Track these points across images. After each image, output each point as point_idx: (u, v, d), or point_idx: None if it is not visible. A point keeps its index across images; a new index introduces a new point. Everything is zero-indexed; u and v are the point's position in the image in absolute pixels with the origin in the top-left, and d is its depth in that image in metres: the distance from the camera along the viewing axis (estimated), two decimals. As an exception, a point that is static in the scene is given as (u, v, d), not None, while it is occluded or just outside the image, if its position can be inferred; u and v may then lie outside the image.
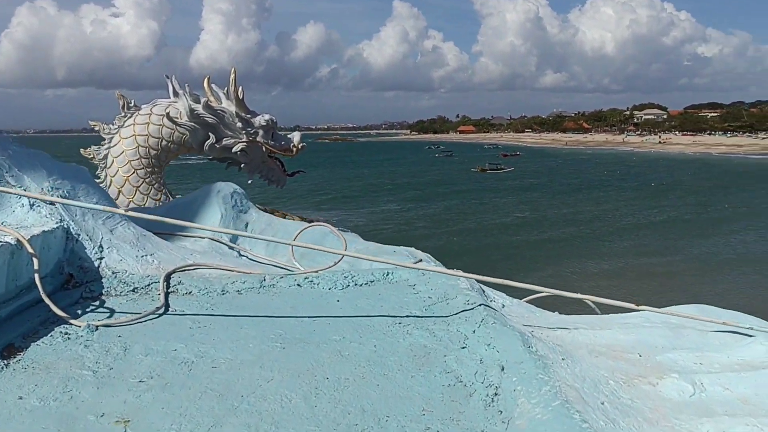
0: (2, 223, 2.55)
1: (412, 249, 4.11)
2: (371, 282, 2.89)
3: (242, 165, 6.34)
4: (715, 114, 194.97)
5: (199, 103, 5.94)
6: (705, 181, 71.68)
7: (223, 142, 5.99)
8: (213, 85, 6.26)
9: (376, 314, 2.53)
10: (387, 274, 2.91)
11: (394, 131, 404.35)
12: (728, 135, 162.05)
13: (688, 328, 2.44)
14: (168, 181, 6.90)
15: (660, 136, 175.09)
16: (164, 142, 5.78)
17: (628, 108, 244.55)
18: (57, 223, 2.73)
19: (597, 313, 3.02)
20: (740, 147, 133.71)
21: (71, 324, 2.33)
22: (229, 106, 6.10)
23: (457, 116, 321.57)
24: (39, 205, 2.75)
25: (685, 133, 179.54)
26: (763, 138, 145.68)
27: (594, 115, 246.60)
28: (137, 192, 5.74)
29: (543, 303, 3.28)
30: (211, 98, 6.21)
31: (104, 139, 5.98)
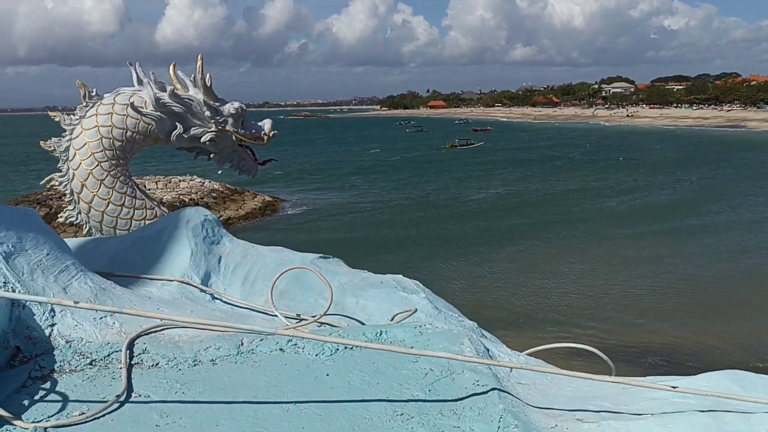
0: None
1: (400, 278, 3.77)
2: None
3: (212, 155, 6.11)
4: (681, 87, 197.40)
5: (165, 91, 5.67)
6: (673, 153, 72.82)
7: (191, 132, 5.74)
8: (179, 72, 5.99)
9: (373, 398, 2.18)
10: (380, 334, 2.59)
11: (364, 107, 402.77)
12: (694, 108, 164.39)
13: (730, 413, 2.13)
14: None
15: (628, 110, 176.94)
16: (129, 133, 5.52)
17: (596, 82, 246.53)
18: (0, 287, 2.38)
19: (610, 367, 2.80)
20: (706, 119, 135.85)
21: (15, 425, 1.95)
22: (196, 94, 5.84)
23: (428, 91, 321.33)
24: (-23, 267, 2.37)
25: (652, 106, 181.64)
26: (728, 110, 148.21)
27: (563, 89, 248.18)
28: (102, 185, 5.49)
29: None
30: (178, 86, 5.93)
31: (65, 131, 5.69)
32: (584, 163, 65.57)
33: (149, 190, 39.97)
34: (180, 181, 41.63)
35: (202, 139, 6.15)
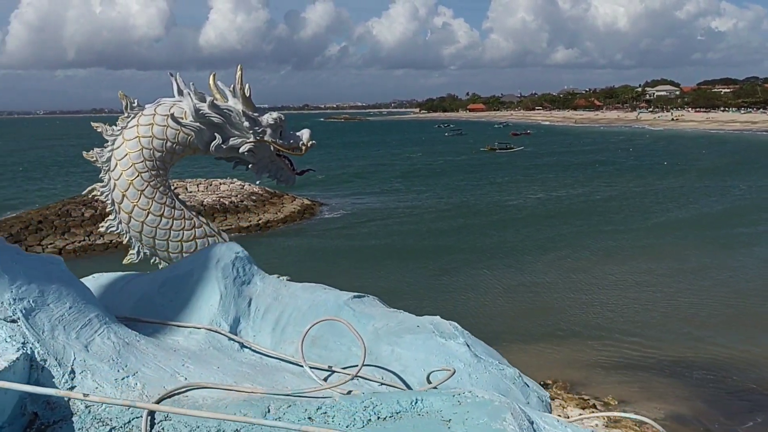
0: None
1: (437, 320, 3.51)
2: (397, 413, 2.35)
3: (250, 165, 6.08)
4: (729, 90, 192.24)
5: (205, 101, 5.65)
6: (720, 158, 70.81)
7: (230, 143, 5.72)
8: (219, 83, 5.98)
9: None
10: (415, 403, 2.39)
11: (403, 110, 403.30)
12: (742, 111, 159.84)
13: None
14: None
15: (672, 113, 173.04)
16: (169, 144, 5.52)
17: (640, 84, 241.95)
18: (19, 348, 2.27)
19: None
20: (754, 124, 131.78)
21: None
22: (235, 105, 5.82)
23: (467, 94, 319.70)
24: (-2, 326, 2.29)
25: (698, 109, 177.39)
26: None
27: (606, 92, 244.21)
28: (142, 195, 5.50)
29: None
30: (217, 96, 5.92)
31: (107, 141, 5.73)
32: (627, 168, 64.21)
33: (191, 192, 40.61)
34: (221, 184, 42.16)
35: (241, 150, 6.13)
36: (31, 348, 2.31)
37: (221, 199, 39.17)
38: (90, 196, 5.86)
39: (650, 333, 18.86)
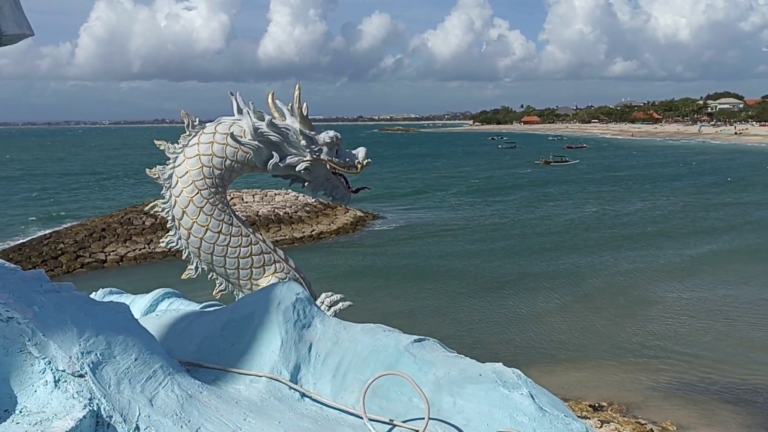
0: (20, 412, 2.14)
1: (500, 368, 3.42)
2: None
3: (306, 183, 6.17)
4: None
5: (264, 120, 5.78)
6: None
7: (287, 161, 5.82)
8: (277, 101, 6.10)
9: None
10: None
11: (457, 122, 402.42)
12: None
13: None
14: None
15: (736, 127, 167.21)
16: (228, 162, 5.66)
17: (701, 97, 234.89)
18: (86, 405, 2.24)
19: None
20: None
21: None
22: (293, 123, 5.92)
23: (522, 106, 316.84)
24: (65, 381, 2.27)
25: (763, 123, 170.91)
26: None
27: (665, 104, 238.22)
28: (201, 212, 5.64)
29: None
30: (276, 114, 6.04)
31: (169, 159, 5.90)
32: (689, 184, 62.27)
33: (246, 203, 41.41)
34: (275, 194, 42.84)
35: (297, 168, 6.22)
36: (97, 404, 2.28)
37: (276, 210, 39.79)
38: (152, 212, 6.04)
39: (709, 355, 18.13)
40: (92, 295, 8.21)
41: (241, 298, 5.07)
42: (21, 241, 35.11)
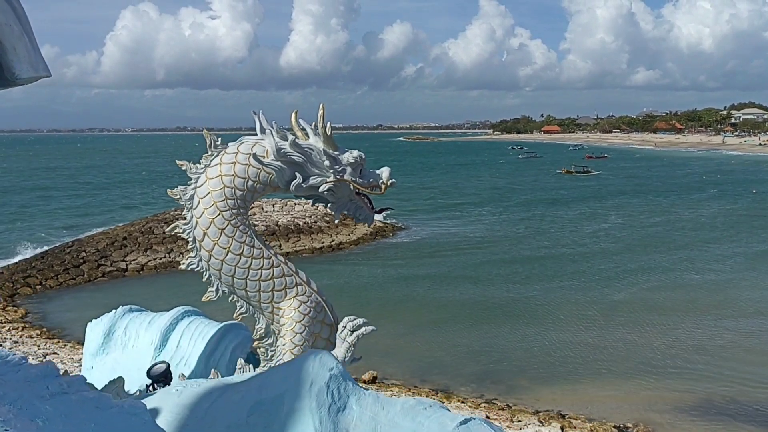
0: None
1: None
2: None
3: (329, 204, 6.05)
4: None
5: (287, 140, 5.68)
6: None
7: (310, 181, 5.71)
8: (300, 120, 6.00)
9: None
10: None
11: (477, 131, 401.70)
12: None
13: None
14: None
15: (760, 138, 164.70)
16: (250, 183, 5.56)
17: (725, 107, 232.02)
18: None
19: None
20: None
21: None
22: (316, 143, 5.82)
23: (542, 116, 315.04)
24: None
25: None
26: None
27: (687, 114, 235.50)
28: (222, 234, 5.55)
29: None
30: (299, 133, 5.94)
31: (190, 179, 5.81)
32: (713, 195, 61.24)
33: (266, 212, 41.47)
34: (295, 204, 42.84)
35: (320, 189, 6.13)
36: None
37: (296, 220, 39.79)
38: (173, 233, 5.94)
39: (739, 375, 17.60)
40: (111, 314, 8.15)
41: (269, 372, 4.81)
42: (44, 249, 35.43)
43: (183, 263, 5.98)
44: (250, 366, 6.15)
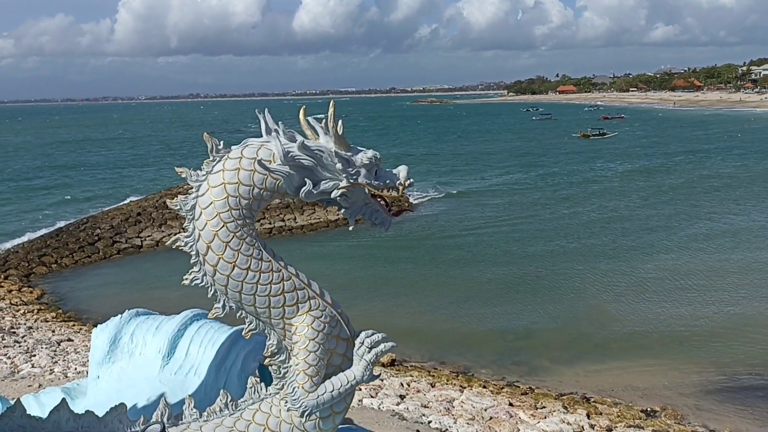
0: None
1: None
2: None
3: (342, 209, 5.49)
4: None
5: (295, 142, 5.09)
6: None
7: (321, 187, 5.15)
8: (309, 118, 5.40)
9: None
10: None
11: (491, 92, 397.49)
12: None
13: None
14: None
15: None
16: (256, 190, 5.02)
17: (744, 63, 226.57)
18: None
19: None
20: None
21: None
22: (327, 143, 5.23)
23: (557, 75, 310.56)
24: None
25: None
26: None
27: (706, 71, 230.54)
28: (227, 247, 5.04)
29: None
30: (308, 132, 5.34)
31: (191, 187, 5.26)
32: (736, 156, 59.96)
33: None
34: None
35: (333, 195, 5.55)
36: None
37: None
38: (174, 246, 5.49)
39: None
40: (117, 319, 7.79)
41: None
42: (58, 226, 35.39)
43: (186, 278, 5.51)
44: (262, 384, 5.76)
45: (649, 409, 13.93)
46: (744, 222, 32.12)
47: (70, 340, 16.89)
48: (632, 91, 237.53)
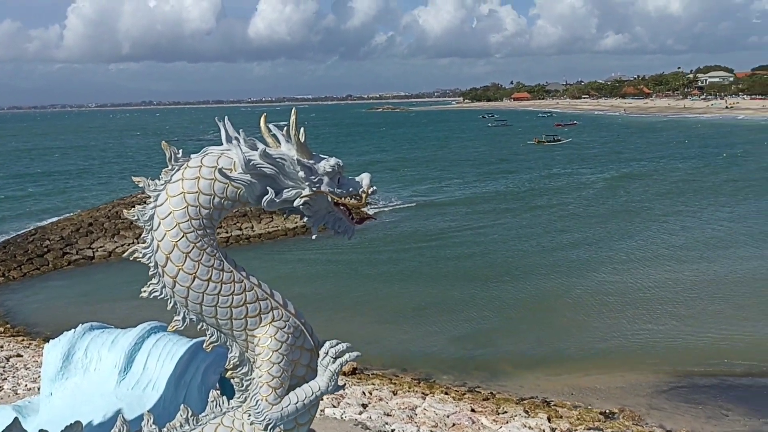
0: None
1: None
2: None
3: (305, 218, 5.38)
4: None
5: (256, 150, 4.99)
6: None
7: (284, 195, 5.04)
8: (270, 126, 5.29)
9: None
10: None
11: (447, 99, 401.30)
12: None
13: None
14: None
15: (726, 101, 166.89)
16: (216, 200, 4.88)
17: (691, 70, 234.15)
18: None
19: None
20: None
21: None
22: (289, 151, 5.13)
23: (512, 83, 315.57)
24: None
25: (753, 96, 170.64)
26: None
27: (655, 78, 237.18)
28: (187, 258, 4.88)
29: None
30: (269, 140, 5.24)
31: (148, 197, 5.09)
32: (685, 157, 61.93)
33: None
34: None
35: (295, 203, 5.44)
36: None
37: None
38: (131, 258, 5.32)
39: (723, 353, 17.31)
40: (71, 333, 7.53)
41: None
42: (5, 238, 34.18)
43: (144, 291, 5.34)
44: (224, 398, 5.62)
45: (607, 411, 14.16)
46: (698, 233, 32.53)
47: (19, 355, 16.30)
48: (584, 98, 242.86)
